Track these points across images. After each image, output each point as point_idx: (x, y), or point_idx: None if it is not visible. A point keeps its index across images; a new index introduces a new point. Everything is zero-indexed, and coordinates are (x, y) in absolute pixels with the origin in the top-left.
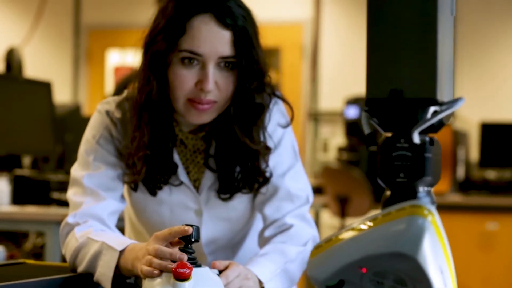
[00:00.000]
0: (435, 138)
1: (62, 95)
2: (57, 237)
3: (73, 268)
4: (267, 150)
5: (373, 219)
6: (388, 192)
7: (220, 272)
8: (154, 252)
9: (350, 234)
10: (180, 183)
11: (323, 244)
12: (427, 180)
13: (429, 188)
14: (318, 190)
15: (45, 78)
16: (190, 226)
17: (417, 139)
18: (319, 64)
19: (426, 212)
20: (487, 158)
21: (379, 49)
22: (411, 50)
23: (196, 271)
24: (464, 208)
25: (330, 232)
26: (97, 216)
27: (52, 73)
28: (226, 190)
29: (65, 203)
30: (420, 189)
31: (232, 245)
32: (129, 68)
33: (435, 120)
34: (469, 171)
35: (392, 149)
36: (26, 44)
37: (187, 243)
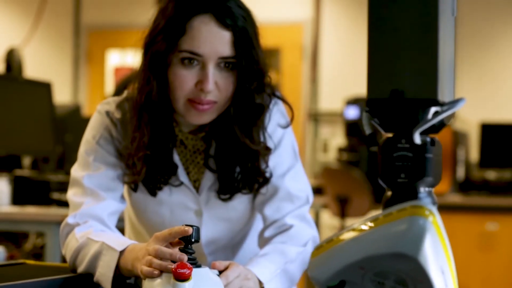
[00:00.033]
0: (436, 138)
1: (62, 96)
2: (57, 237)
3: (73, 268)
4: (267, 150)
5: (374, 220)
6: (389, 192)
7: (220, 272)
8: (154, 252)
9: (351, 234)
10: (180, 184)
11: (324, 244)
12: (428, 180)
13: (430, 188)
14: (318, 191)
15: (45, 79)
16: (190, 226)
17: (418, 140)
18: (319, 64)
19: (427, 212)
20: (487, 158)
21: (380, 49)
22: (412, 51)
23: (196, 272)
24: (464, 208)
25: (330, 232)
26: (97, 216)
27: (52, 73)
28: (226, 191)
29: (65, 204)
30: (421, 189)
31: (232, 245)
32: (129, 68)
33: (436, 120)
34: (469, 172)
35: (393, 149)
36: (26, 44)
37: (187, 244)
